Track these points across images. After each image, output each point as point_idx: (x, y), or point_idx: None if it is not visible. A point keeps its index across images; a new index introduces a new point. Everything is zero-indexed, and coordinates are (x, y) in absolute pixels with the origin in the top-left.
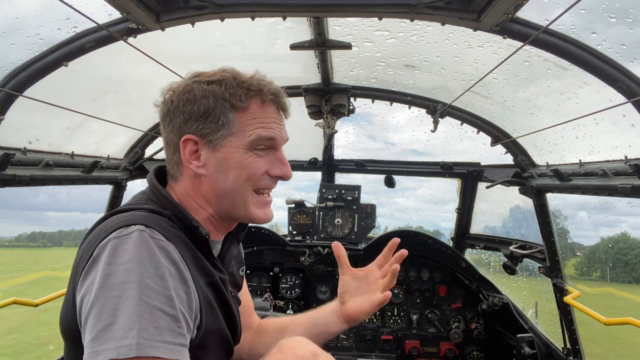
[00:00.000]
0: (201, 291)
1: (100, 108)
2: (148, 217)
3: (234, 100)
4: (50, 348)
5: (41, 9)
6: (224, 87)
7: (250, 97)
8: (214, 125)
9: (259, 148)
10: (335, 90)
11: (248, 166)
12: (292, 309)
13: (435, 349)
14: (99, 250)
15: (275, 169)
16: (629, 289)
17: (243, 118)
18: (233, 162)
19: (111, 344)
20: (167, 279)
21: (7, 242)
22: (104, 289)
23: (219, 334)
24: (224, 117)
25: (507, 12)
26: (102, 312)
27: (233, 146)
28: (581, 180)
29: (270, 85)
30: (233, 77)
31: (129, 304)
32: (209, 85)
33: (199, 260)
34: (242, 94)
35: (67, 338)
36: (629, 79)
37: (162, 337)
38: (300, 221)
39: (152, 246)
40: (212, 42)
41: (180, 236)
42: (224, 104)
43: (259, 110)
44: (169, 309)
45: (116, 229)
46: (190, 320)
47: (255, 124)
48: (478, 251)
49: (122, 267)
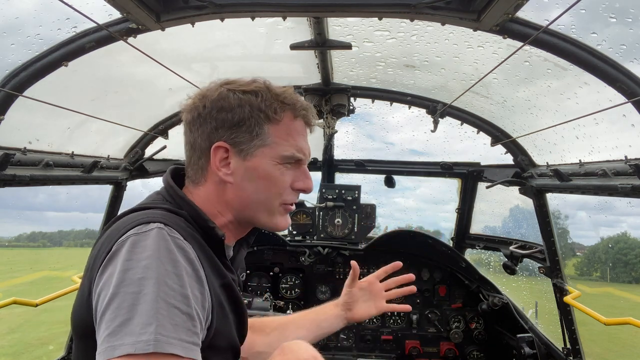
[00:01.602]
0: (214, 292)
1: (100, 108)
2: (166, 215)
3: (269, 112)
4: (50, 348)
5: (41, 9)
6: (260, 98)
7: (284, 111)
8: (247, 135)
9: (288, 162)
10: (335, 90)
11: (277, 178)
12: (292, 309)
13: (435, 349)
14: (118, 245)
15: (299, 182)
16: (629, 289)
17: (277, 131)
18: (262, 173)
19: (128, 339)
20: (184, 278)
21: (7, 242)
22: (123, 285)
23: (229, 335)
24: (259, 127)
25: (507, 12)
26: (121, 308)
27: (265, 157)
28: (581, 180)
29: (302, 101)
30: (267, 88)
31: (148, 300)
32: (245, 95)
33: (213, 261)
34: (277, 106)
35: (80, 334)
36: (629, 79)
37: (178, 335)
38: (300, 221)
39: (170, 244)
40: (212, 42)
41: (195, 237)
42: (259, 115)
43: (290, 124)
44: (185, 308)
45: (135, 226)
46: (202, 320)
47: (289, 139)
48: (478, 251)
49: (141, 263)
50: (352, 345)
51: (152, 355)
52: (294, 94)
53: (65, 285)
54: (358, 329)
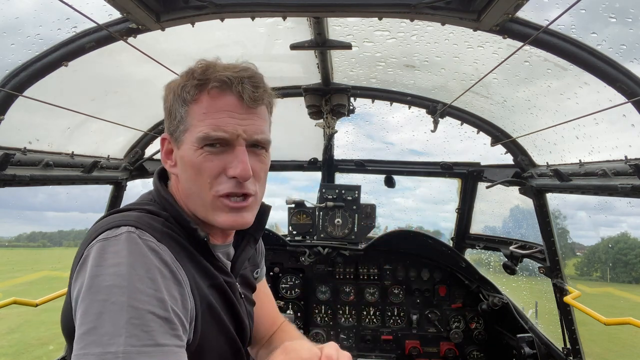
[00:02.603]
0: (200, 294)
1: (100, 108)
2: (139, 217)
3: (184, 93)
4: (50, 348)
5: (41, 9)
6: (182, 79)
7: (199, 89)
8: (175, 122)
9: (211, 145)
10: (335, 90)
11: (199, 165)
12: (292, 309)
13: (435, 349)
14: (87, 251)
15: (230, 169)
16: (629, 289)
17: (194, 112)
18: (188, 161)
19: (95, 348)
20: (159, 281)
21: (7, 242)
22: (90, 292)
23: (220, 337)
24: (178, 112)
25: (507, 12)
26: (87, 315)
27: (187, 143)
28: (581, 180)
29: (223, 72)
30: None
31: (116, 309)
32: (172, 82)
33: (198, 262)
34: (190, 85)
35: (67, 337)
36: (629, 79)
37: (155, 341)
38: (300, 221)
39: (142, 248)
40: (212, 42)
41: (175, 238)
42: (177, 99)
43: (210, 102)
44: (161, 312)
45: (105, 230)
46: (186, 321)
47: (205, 119)
48: (478, 251)
49: (110, 270)
50: (352, 345)
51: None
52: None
53: (65, 286)
54: (358, 329)
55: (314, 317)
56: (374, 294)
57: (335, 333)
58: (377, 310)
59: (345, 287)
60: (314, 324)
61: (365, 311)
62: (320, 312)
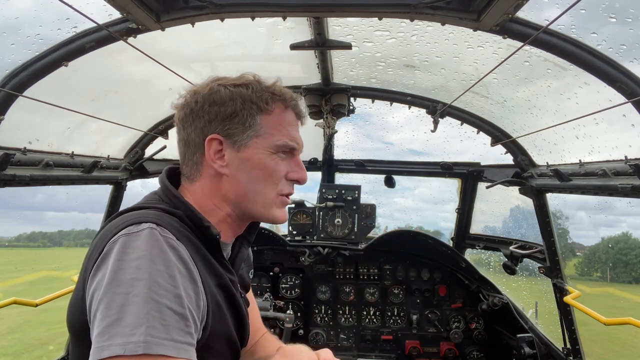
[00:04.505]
0: (210, 292)
1: (100, 108)
2: (159, 215)
3: (261, 103)
4: (50, 348)
5: (41, 9)
6: (251, 90)
7: (275, 101)
8: (240, 126)
9: (283, 152)
10: (335, 90)
11: (271, 168)
12: (292, 309)
13: (435, 349)
14: (110, 246)
15: (293, 173)
16: (629, 289)
17: (269, 121)
18: (257, 163)
19: (118, 339)
20: (177, 277)
21: (7, 242)
22: (113, 285)
23: (227, 336)
24: (251, 118)
25: (507, 12)
26: (110, 308)
27: (258, 147)
28: (581, 180)
29: (292, 93)
30: (257, 81)
31: (138, 300)
32: (236, 88)
33: (208, 261)
34: (268, 97)
35: (75, 334)
36: (629, 79)
37: (170, 336)
38: (300, 221)
39: (162, 244)
40: (212, 42)
41: (189, 237)
42: (251, 106)
43: (282, 114)
44: (177, 308)
45: (127, 226)
46: (197, 320)
47: (282, 129)
48: (478, 251)
49: (132, 263)
50: (352, 345)
51: (142, 357)
52: (283, 87)
53: (65, 285)
54: (358, 329)
55: (314, 317)
56: (374, 294)
57: (335, 333)
58: (377, 310)
59: (345, 287)
60: (314, 324)
61: (365, 311)
62: (320, 312)
